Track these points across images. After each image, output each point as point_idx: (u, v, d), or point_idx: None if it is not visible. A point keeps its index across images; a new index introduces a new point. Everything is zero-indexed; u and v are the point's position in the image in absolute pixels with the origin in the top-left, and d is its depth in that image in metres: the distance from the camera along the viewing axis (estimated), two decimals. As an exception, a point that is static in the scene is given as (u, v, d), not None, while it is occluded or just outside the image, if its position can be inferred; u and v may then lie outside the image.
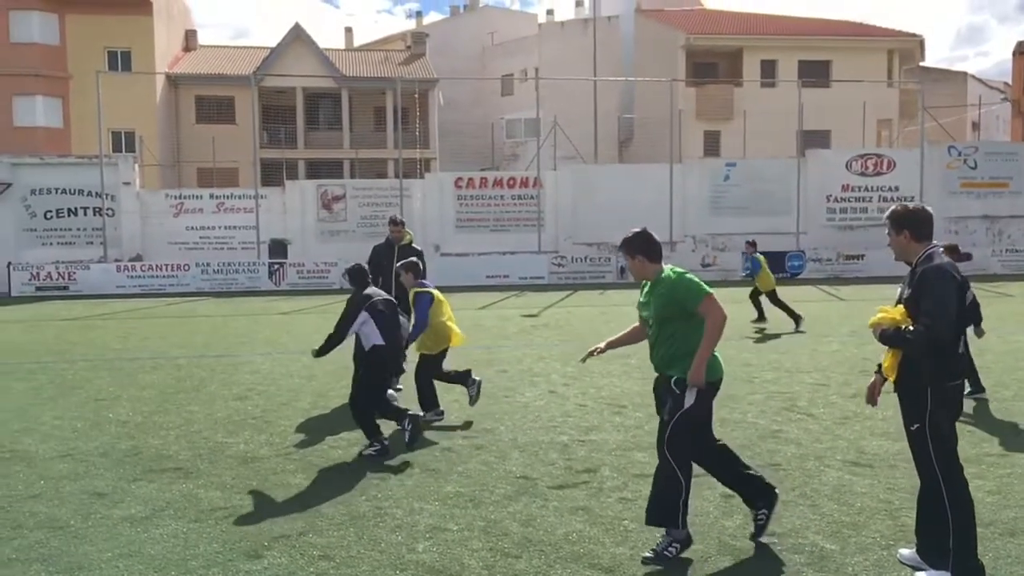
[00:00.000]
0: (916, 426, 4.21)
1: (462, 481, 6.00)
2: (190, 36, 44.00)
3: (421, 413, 7.61)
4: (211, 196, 28.13)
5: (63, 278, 25.23)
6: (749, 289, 15.62)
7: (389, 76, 41.00)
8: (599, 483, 5.90)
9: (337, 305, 9.54)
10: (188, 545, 4.88)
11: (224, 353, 12.52)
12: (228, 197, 28.18)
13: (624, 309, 17.80)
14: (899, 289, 4.39)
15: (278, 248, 27.55)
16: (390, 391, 9.12)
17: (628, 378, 9.88)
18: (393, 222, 10.55)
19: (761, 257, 14.99)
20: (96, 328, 16.47)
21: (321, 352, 7.12)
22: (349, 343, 7.45)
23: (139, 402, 8.93)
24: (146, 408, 8.62)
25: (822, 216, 28.51)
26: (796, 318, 14.17)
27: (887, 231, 4.43)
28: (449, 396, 8.49)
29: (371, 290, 7.25)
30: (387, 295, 7.50)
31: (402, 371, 8.76)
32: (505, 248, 27.21)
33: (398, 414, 7.12)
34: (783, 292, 15.22)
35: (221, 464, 6.56)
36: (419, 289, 7.95)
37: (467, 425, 7.68)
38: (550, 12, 56.89)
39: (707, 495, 5.59)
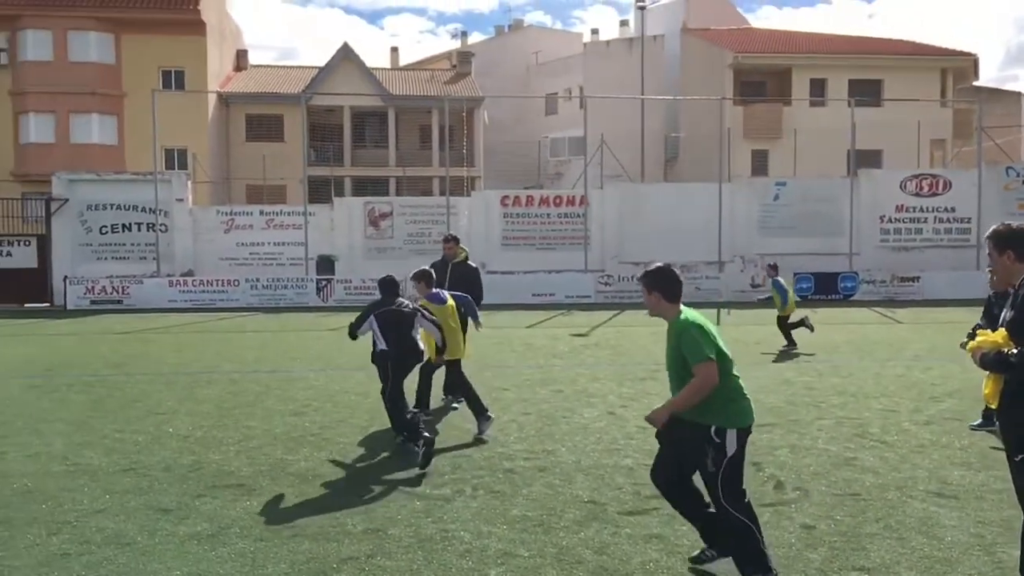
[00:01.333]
0: (1020, 457, 3.99)
1: (528, 505, 5.86)
2: (241, 56, 44.77)
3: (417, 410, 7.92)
4: (261, 213, 28.41)
5: (117, 292, 25.62)
6: (804, 310, 15.35)
7: (435, 95, 41.29)
8: (671, 510, 5.70)
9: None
10: (256, 565, 4.80)
11: (277, 368, 12.54)
12: (277, 214, 28.45)
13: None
14: (1002, 312, 4.17)
15: (325, 264, 27.69)
16: (454, 406, 9.07)
17: (688, 400, 9.65)
18: (446, 239, 10.52)
19: (782, 281, 14.80)
20: (150, 342, 16.65)
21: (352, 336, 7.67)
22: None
23: (198, 416, 8.94)
24: (205, 423, 8.62)
25: (875, 237, 27.94)
26: (791, 343, 14.09)
27: (988, 251, 4.21)
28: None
29: (398, 300, 7.58)
30: (409, 307, 7.68)
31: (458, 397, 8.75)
32: (551, 266, 27.05)
33: (415, 432, 7.12)
34: (833, 314, 14.89)
35: (283, 481, 6.49)
36: (423, 300, 8.13)
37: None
38: (595, 31, 56.92)
39: (786, 525, 5.39)
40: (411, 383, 7.93)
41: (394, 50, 55.14)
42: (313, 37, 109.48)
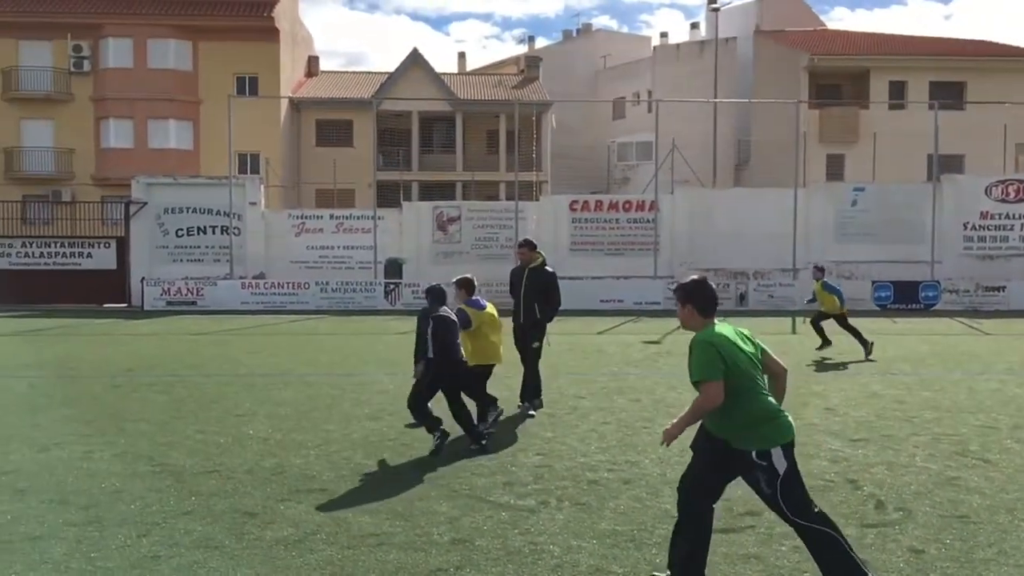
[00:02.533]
0: None
1: (617, 518, 5.68)
2: (312, 62, 45.49)
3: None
4: (331, 216, 28.77)
5: (192, 293, 26.20)
6: (882, 320, 14.96)
7: (503, 99, 41.35)
8: (766, 529, 5.48)
9: None
10: (345, 574, 4.73)
11: (351, 372, 12.58)
12: (347, 218, 28.76)
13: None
14: None
15: (393, 268, 27.88)
16: (531, 413, 8.94)
17: (772, 412, 9.34)
18: (520, 244, 10.37)
19: (828, 282, 15.09)
20: (225, 343, 16.92)
21: (417, 370, 7.80)
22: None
23: (276, 419, 8.97)
24: (284, 426, 8.64)
25: (958, 245, 26.96)
26: (825, 343, 14.49)
27: None
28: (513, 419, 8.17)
29: (442, 308, 7.78)
30: (451, 314, 7.83)
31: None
32: (619, 272, 26.77)
33: (433, 424, 7.55)
34: (914, 324, 14.35)
35: (365, 487, 6.44)
36: (463, 305, 8.15)
37: (555, 452, 7.36)
38: (664, 35, 56.34)
39: (892, 548, 5.11)
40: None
41: (461, 55, 55.52)
42: (380, 43, 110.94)
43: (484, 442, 7.61)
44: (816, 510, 4.24)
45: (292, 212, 29.81)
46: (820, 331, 14.85)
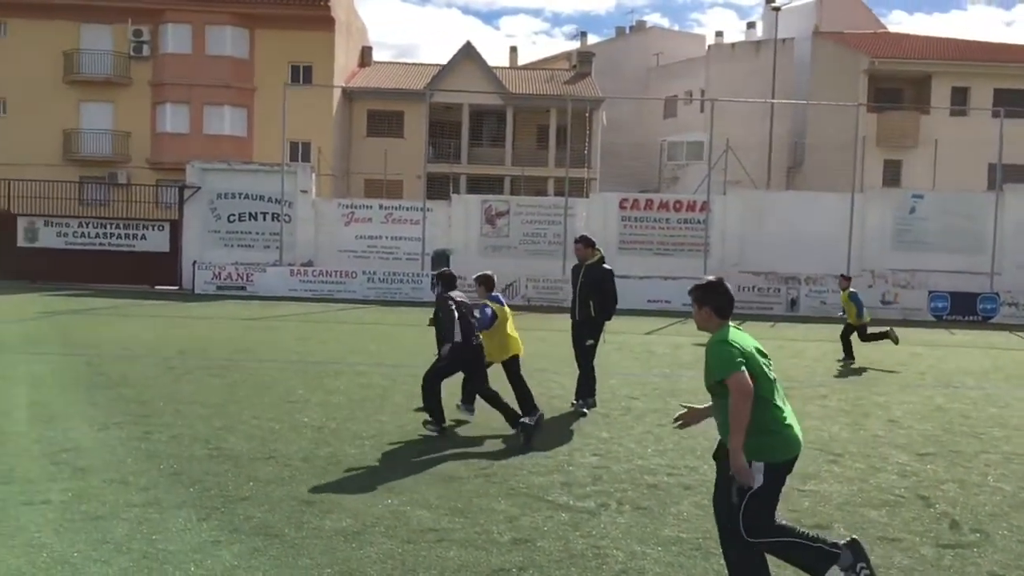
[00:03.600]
0: None
1: (680, 525, 5.53)
2: (365, 53, 45.70)
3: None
4: (380, 207, 28.86)
5: (241, 279, 26.48)
6: (939, 331, 14.67)
7: (555, 94, 41.16)
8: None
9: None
10: (406, 569, 4.65)
11: (400, 363, 12.53)
12: (396, 208, 28.84)
13: (797, 345, 16.84)
14: None
15: (440, 260, 27.86)
16: (584, 411, 8.82)
17: (832, 421, 9.12)
18: (576, 240, 10.23)
19: (854, 291, 14.86)
20: (275, 329, 17.03)
21: (441, 351, 7.97)
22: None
23: (329, 408, 8.95)
24: (337, 415, 8.62)
25: (1020, 256, 26.18)
26: (850, 357, 14.12)
27: None
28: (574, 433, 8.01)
29: (454, 292, 8.09)
30: (466, 299, 8.12)
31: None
32: (667, 273, 26.47)
33: (436, 412, 7.85)
34: (972, 337, 13.93)
35: (422, 481, 6.36)
36: (487, 301, 8.39)
37: (611, 453, 7.21)
38: (719, 34, 55.61)
39: (972, 572, 4.89)
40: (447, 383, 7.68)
41: (513, 50, 55.32)
42: (430, 36, 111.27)
43: (527, 422, 7.76)
44: (778, 526, 4.13)
45: (342, 201, 29.96)
46: (873, 336, 14.61)
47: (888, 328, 14.78)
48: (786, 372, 12.84)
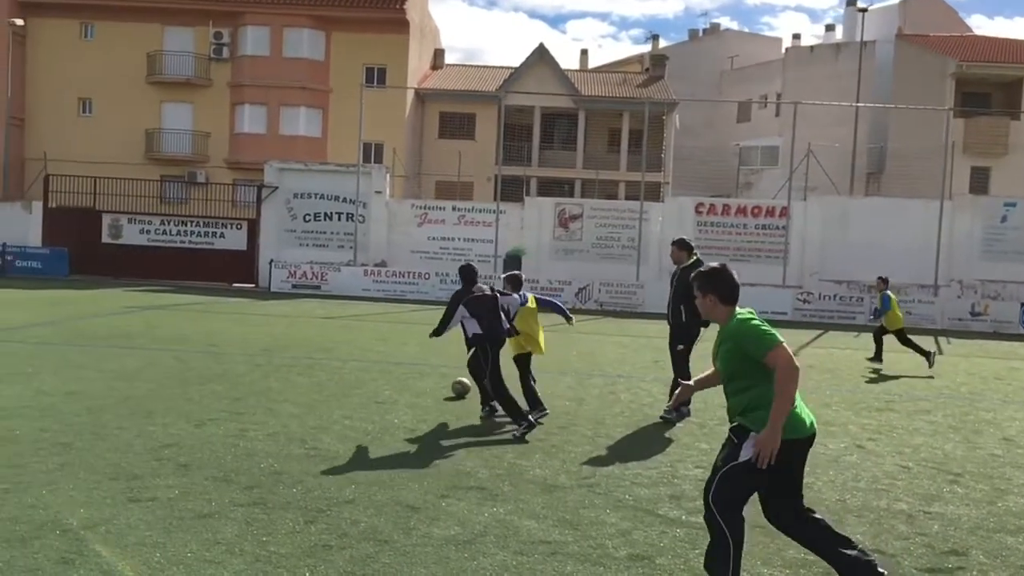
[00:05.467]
0: None
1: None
2: (438, 55, 45.95)
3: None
4: (453, 208, 28.88)
5: (316, 278, 26.75)
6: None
7: (628, 97, 40.78)
8: (978, 570, 4.93)
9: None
10: (523, 583, 4.46)
11: (483, 365, 12.37)
12: (469, 210, 28.83)
13: (889, 356, 16.18)
14: None
15: (513, 263, 27.74)
16: (663, 416, 8.57)
17: (943, 438, 8.65)
18: (672, 243, 10.08)
19: (892, 295, 14.88)
20: (353, 329, 17.09)
21: (434, 334, 8.40)
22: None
23: (419, 410, 8.84)
24: (428, 417, 8.50)
25: (1120, 267, 24.96)
26: (927, 355, 13.91)
27: None
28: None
29: (476, 287, 8.30)
30: (488, 291, 8.36)
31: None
32: (745, 280, 25.55)
33: (517, 414, 7.93)
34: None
35: (524, 489, 6.17)
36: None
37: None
38: (796, 36, 54.48)
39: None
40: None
41: (583, 52, 55.23)
42: (497, 40, 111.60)
43: (529, 422, 7.85)
44: (741, 517, 4.08)
45: (415, 202, 30.10)
46: (911, 344, 14.54)
47: (932, 351, 14.41)
48: (882, 386, 12.35)
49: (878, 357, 14.57)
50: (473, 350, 8.37)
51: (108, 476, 5.97)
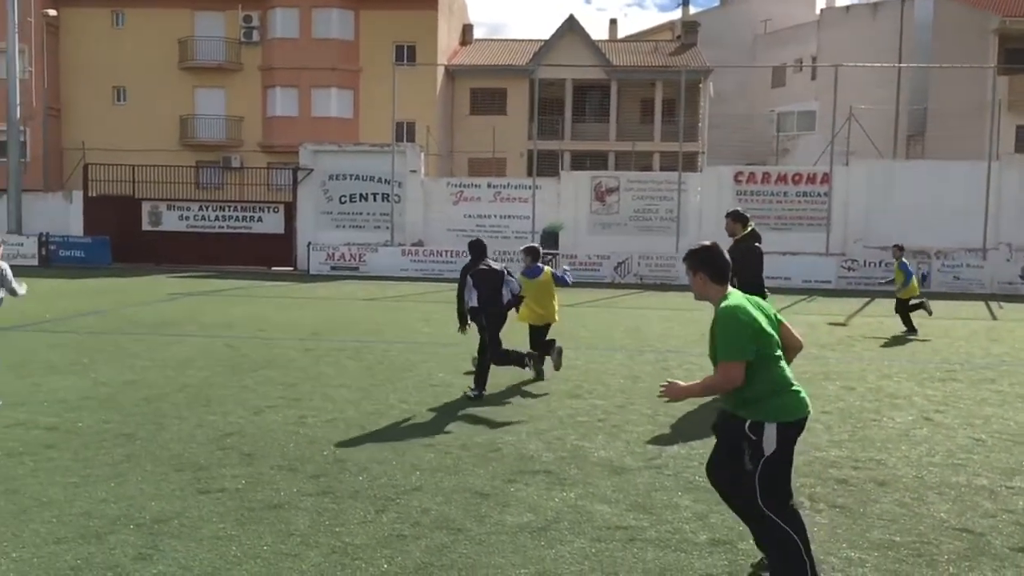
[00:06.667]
0: None
1: (888, 527, 5.06)
2: (466, 31, 45.55)
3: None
4: (489, 185, 28.70)
5: (354, 259, 26.79)
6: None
7: (661, 66, 40.19)
8: None
9: (610, 299, 9.28)
10: (605, 572, 4.36)
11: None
12: (504, 187, 28.63)
13: (942, 323, 15.85)
14: None
15: (549, 238, 27.56)
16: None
17: (1013, 408, 8.41)
18: (726, 214, 9.92)
19: (908, 263, 15.02)
20: (396, 310, 17.06)
21: (462, 322, 8.96)
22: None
23: (474, 392, 8.76)
24: (483, 399, 8.41)
25: None
26: (911, 329, 14.05)
27: None
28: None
29: (486, 261, 8.74)
30: (493, 266, 8.77)
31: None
32: (786, 248, 25.42)
33: (520, 359, 8.82)
34: None
35: (591, 472, 6.07)
36: (520, 275, 9.42)
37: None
38: (830, -3, 53.09)
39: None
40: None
41: (613, 22, 54.49)
42: (521, 12, 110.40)
43: (480, 393, 8.35)
44: (791, 506, 4.01)
45: (450, 180, 29.95)
46: (907, 317, 14.36)
47: (924, 299, 14.67)
48: (940, 354, 12.07)
49: (911, 329, 14.10)
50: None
51: (174, 467, 5.97)
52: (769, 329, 4.00)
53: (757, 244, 9.50)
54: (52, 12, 37.01)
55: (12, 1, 28.62)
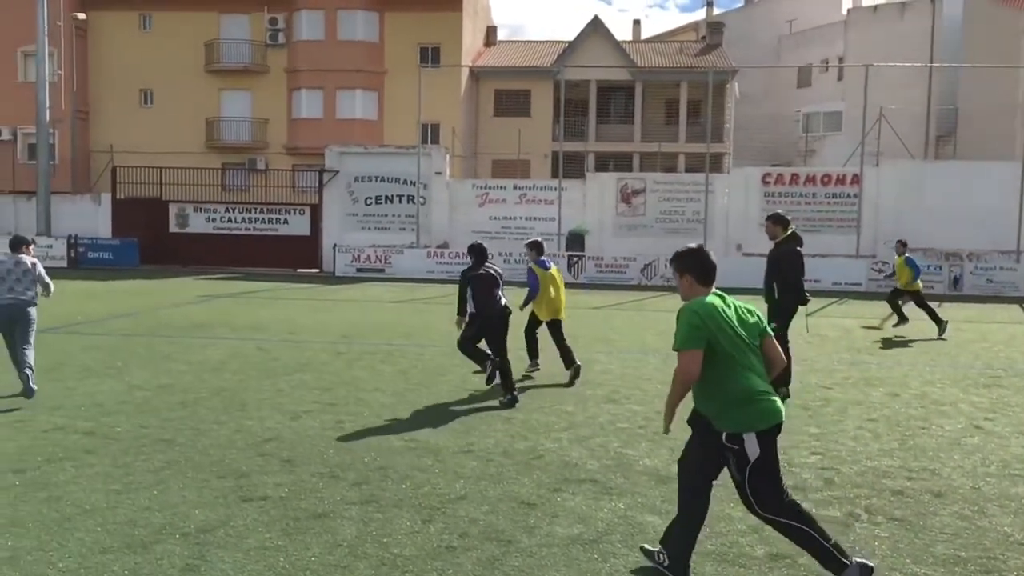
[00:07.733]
0: None
1: (952, 541, 4.90)
2: (490, 32, 45.48)
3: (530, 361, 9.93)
4: (514, 187, 28.59)
5: (380, 261, 26.77)
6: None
7: (686, 67, 39.93)
8: None
9: (639, 301, 9.16)
10: (663, 587, 4.23)
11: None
12: (530, 188, 28.51)
13: (979, 327, 15.58)
14: None
15: (575, 240, 27.42)
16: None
17: (1065, 417, 8.18)
18: (767, 217, 9.77)
19: (910, 257, 14.94)
20: (424, 312, 16.99)
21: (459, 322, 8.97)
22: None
23: (511, 397, 8.65)
24: (522, 404, 8.30)
25: None
26: (901, 318, 14.48)
27: None
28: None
29: (486, 265, 8.74)
30: (493, 271, 8.82)
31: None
32: (815, 250, 25.03)
33: (482, 359, 8.60)
34: None
35: (638, 482, 5.94)
36: (532, 264, 9.71)
37: (836, 454, 6.53)
38: (857, -4, 52.58)
39: None
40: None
41: (636, 23, 54.19)
42: (543, 14, 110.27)
43: (513, 397, 8.24)
44: (787, 501, 4.09)
45: (476, 182, 29.86)
46: (897, 308, 14.78)
47: (945, 321, 14.31)
48: (981, 359, 11.82)
49: (940, 324, 14.07)
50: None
51: (215, 474, 5.90)
52: (739, 331, 4.03)
53: (798, 248, 9.34)
54: (81, 16, 37.30)
55: (42, 5, 28.86)
